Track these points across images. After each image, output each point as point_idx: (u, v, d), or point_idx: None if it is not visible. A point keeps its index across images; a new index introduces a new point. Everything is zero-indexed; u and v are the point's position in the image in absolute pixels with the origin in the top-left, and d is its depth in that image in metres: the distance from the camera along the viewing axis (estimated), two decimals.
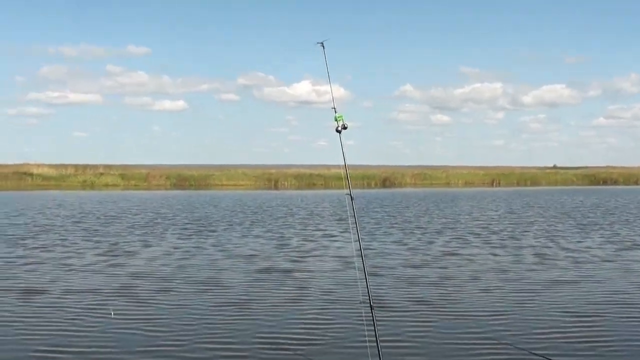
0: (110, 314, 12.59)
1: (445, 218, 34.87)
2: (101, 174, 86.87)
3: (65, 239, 24.56)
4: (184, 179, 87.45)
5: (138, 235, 26.12)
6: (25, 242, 23.74)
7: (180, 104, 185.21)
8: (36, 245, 22.70)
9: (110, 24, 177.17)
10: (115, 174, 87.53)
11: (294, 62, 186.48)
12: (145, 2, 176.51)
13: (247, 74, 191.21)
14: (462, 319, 12.29)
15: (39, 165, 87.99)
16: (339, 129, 8.41)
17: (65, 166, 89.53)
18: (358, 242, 8.69)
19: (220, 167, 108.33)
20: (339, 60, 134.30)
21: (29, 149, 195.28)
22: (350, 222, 8.99)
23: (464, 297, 14.26)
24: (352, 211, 8.58)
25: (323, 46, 8.76)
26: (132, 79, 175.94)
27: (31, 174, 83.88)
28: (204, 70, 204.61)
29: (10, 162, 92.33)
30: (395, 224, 31.32)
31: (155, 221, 32.57)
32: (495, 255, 20.75)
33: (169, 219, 33.76)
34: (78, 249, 21.84)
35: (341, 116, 8.42)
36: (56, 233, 26.77)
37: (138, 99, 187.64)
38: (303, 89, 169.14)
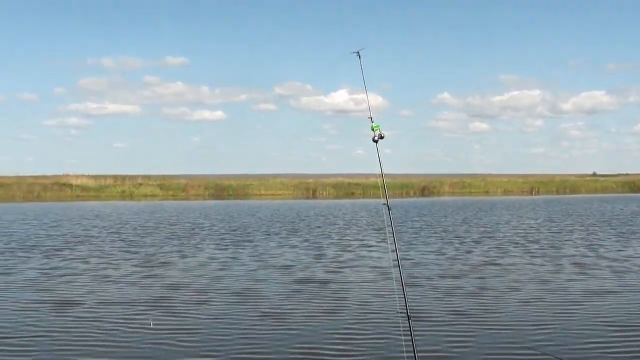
0: (150, 323, 12.60)
1: (484, 227, 34.55)
2: (140, 184, 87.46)
3: (102, 250, 24.65)
4: (222, 189, 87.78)
5: (175, 245, 26.16)
6: (62, 253, 23.85)
7: (218, 114, 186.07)
8: (73, 257, 22.79)
9: (148, 36, 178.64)
10: (153, 184, 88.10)
11: (331, 71, 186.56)
12: (182, 13, 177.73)
13: (284, 83, 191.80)
14: (502, 331, 12.11)
15: (78, 177, 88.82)
16: (376, 138, 8.18)
17: (104, 177, 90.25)
18: (395, 252, 8.58)
19: (258, 177, 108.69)
20: (377, 68, 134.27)
21: (69, 160, 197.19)
22: (387, 231, 8.93)
23: (503, 308, 14.06)
24: (389, 220, 8.47)
25: (359, 55, 8.60)
26: (170, 89, 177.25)
27: (71, 185, 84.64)
28: (242, 80, 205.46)
29: (50, 173, 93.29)
30: (434, 233, 31.08)
31: (193, 231, 32.61)
32: (534, 264, 20.44)
33: (207, 229, 33.79)
34: (114, 260, 21.90)
35: (378, 126, 8.22)
36: (93, 244, 26.91)
37: (176, 110, 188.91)
38: (340, 97, 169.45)
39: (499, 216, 43.49)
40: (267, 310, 13.96)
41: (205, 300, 15.00)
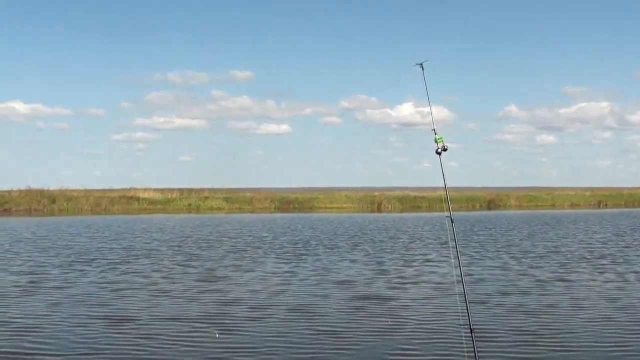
0: (215, 335, 12.55)
1: (550, 241, 33.71)
2: (206, 197, 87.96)
3: (162, 264, 24.56)
4: (287, 202, 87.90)
5: (236, 259, 25.98)
6: (121, 266, 23.82)
7: (284, 127, 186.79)
8: (132, 270, 22.74)
9: (214, 50, 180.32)
10: (220, 197, 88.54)
11: (396, 83, 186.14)
12: (248, 28, 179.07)
13: (350, 96, 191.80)
14: (569, 351, 11.62)
15: (145, 190, 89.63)
16: (439, 150, 8.29)
17: (171, 190, 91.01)
18: (459, 267, 8.47)
19: (324, 190, 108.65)
20: (443, 81, 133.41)
21: (136, 174, 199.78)
22: (450, 245, 8.70)
23: (571, 327, 13.53)
24: (452, 234, 8.39)
25: (422, 67, 8.57)
26: (236, 103, 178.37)
27: (138, 198, 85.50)
28: (307, 94, 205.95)
29: (118, 187, 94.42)
30: (499, 247, 30.45)
31: (254, 245, 32.42)
32: (602, 281, 19.80)
33: (269, 242, 33.61)
34: (174, 274, 21.78)
35: (441, 138, 8.29)
36: (153, 257, 26.85)
37: (242, 123, 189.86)
38: (406, 110, 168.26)
39: (566, 230, 42.56)
40: (327, 327, 13.69)
41: (263, 317, 14.74)
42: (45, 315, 15.07)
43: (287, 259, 25.89)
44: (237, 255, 27.33)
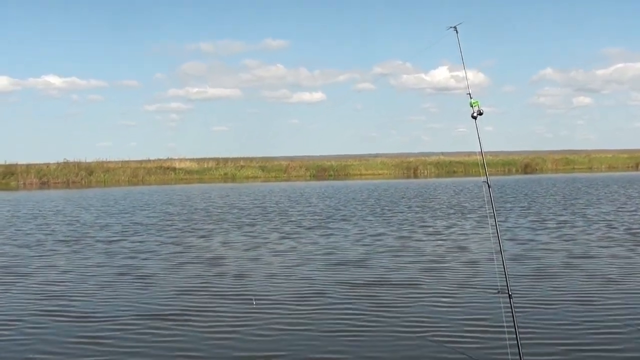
0: (253, 302, 12.65)
1: (588, 204, 33.62)
2: (242, 166, 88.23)
3: (186, 231, 25.00)
4: (323, 170, 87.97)
5: (273, 228, 26.29)
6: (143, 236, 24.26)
7: (319, 95, 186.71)
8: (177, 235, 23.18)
9: (247, 19, 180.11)
10: (255, 166, 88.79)
11: (431, 48, 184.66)
12: None
13: (384, 62, 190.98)
14: (608, 312, 11.66)
15: (181, 160, 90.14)
16: (475, 115, 8.24)
17: (206, 160, 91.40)
18: (495, 230, 8.52)
19: (359, 157, 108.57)
20: (478, 45, 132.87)
21: (170, 144, 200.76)
22: (487, 209, 8.84)
23: (612, 291, 13.40)
24: (489, 199, 8.40)
25: (456, 30, 8.51)
26: (270, 72, 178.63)
27: (174, 169, 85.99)
28: (341, 61, 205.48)
29: (153, 157, 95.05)
30: (536, 211, 30.45)
31: (287, 213, 32.75)
32: None
33: (304, 208, 33.93)
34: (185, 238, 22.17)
35: (477, 102, 8.25)
36: (191, 222, 27.31)
37: (276, 92, 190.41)
38: (441, 75, 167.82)
39: (604, 193, 42.34)
40: (367, 290, 13.92)
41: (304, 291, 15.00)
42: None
43: (320, 227, 26.19)
44: (274, 224, 27.71)
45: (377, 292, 13.56)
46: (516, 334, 8.14)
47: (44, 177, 77.36)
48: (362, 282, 14.68)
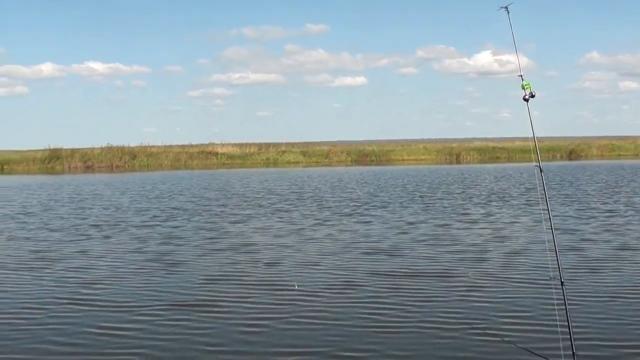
0: (294, 286, 12.51)
1: (635, 194, 32.53)
2: (283, 151, 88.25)
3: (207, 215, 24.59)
4: (364, 155, 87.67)
5: (309, 213, 25.83)
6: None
7: (360, 79, 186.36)
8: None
9: (288, 4, 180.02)
10: (296, 151, 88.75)
11: (475, 31, 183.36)
12: None
13: (426, 46, 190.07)
14: None
15: (223, 145, 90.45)
16: (527, 97, 7.94)
17: (248, 145, 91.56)
18: (548, 217, 8.23)
19: (401, 142, 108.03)
20: (522, 28, 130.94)
21: (213, 129, 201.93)
22: (539, 196, 8.46)
23: None
24: (541, 184, 8.20)
25: (507, 10, 8.13)
26: (312, 57, 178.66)
27: (216, 153, 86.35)
28: (383, 45, 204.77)
29: (196, 142, 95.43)
30: (585, 200, 29.44)
31: (326, 199, 32.26)
32: None
33: (348, 193, 33.38)
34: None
35: (529, 84, 7.92)
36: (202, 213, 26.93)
37: (318, 77, 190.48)
38: (484, 59, 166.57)
39: None
40: (405, 279, 13.42)
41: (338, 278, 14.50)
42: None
43: (360, 213, 25.67)
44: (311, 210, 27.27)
45: (415, 284, 13.01)
46: (568, 324, 7.82)
47: (88, 161, 78.34)
48: (399, 272, 14.08)
